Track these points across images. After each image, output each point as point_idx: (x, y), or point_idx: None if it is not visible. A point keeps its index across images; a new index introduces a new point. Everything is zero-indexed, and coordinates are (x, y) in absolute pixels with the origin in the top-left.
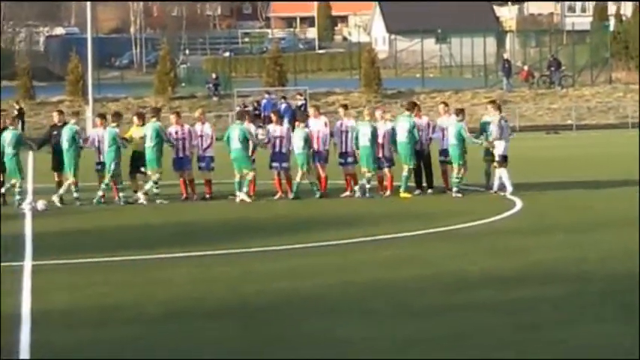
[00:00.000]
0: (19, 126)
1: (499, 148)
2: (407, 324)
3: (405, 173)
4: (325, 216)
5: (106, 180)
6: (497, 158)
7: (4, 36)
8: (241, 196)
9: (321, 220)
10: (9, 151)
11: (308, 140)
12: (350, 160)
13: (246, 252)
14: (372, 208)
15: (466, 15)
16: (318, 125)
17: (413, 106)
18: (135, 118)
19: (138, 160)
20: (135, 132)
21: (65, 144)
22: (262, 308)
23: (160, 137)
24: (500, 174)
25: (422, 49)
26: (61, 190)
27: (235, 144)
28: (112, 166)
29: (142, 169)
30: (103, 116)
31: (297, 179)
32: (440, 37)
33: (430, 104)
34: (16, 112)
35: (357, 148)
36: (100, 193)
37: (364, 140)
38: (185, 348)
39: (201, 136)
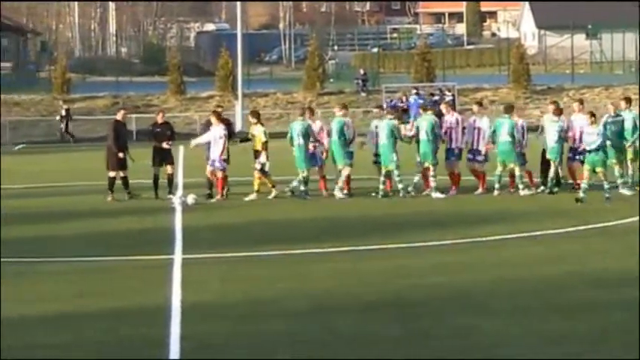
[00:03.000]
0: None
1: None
2: (553, 321)
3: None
4: (473, 212)
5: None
6: None
7: (157, 32)
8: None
9: (470, 216)
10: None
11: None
12: (480, 158)
13: (398, 247)
14: (511, 204)
15: (617, 10)
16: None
17: (511, 109)
18: (249, 117)
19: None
20: (253, 130)
21: (300, 139)
22: (415, 303)
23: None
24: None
25: (572, 45)
26: (294, 183)
27: (383, 139)
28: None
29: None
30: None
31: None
32: (590, 32)
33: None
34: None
35: (494, 143)
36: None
37: (504, 136)
38: (333, 342)
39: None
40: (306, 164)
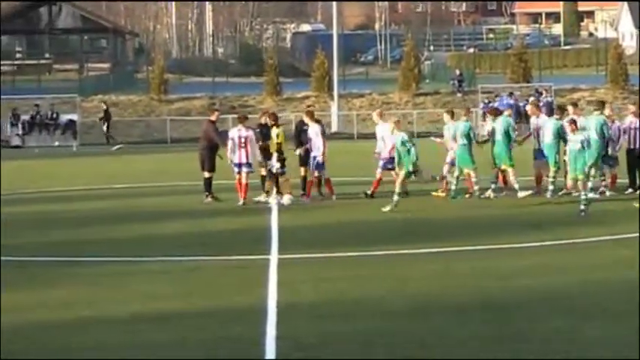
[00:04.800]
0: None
1: None
2: None
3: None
4: (560, 214)
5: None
6: None
7: (253, 33)
8: (521, 193)
9: (561, 217)
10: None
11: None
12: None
13: (489, 249)
14: (595, 206)
15: None
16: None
17: (602, 105)
18: (267, 119)
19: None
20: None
21: (463, 139)
22: (506, 305)
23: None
24: None
25: None
26: (453, 182)
27: (499, 137)
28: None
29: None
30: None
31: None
32: None
33: None
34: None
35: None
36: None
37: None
38: (430, 343)
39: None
40: (472, 163)
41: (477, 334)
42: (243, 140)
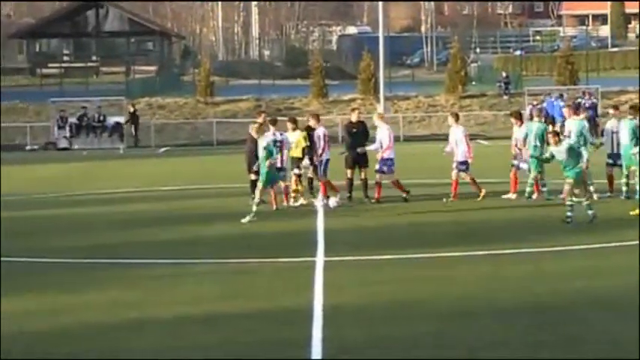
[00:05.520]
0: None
1: None
2: None
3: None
4: (618, 216)
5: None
6: None
7: (299, 35)
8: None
9: (614, 220)
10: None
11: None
12: (620, 162)
13: (537, 251)
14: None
15: None
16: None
17: (636, 110)
18: (288, 124)
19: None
20: (290, 136)
21: (536, 141)
22: (556, 308)
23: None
24: None
25: None
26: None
27: (625, 139)
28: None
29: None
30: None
31: None
32: None
33: None
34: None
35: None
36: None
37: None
38: (477, 346)
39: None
40: (539, 166)
41: (525, 337)
42: (278, 145)
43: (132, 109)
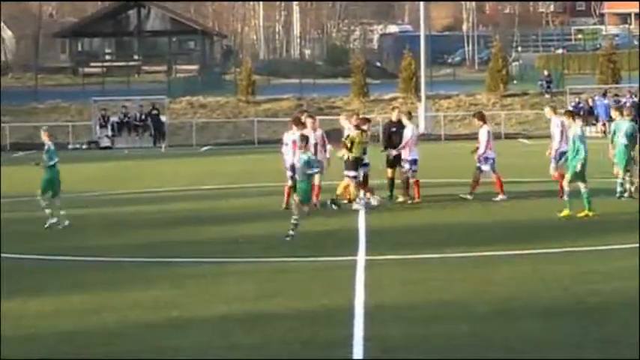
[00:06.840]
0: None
1: None
2: None
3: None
4: None
5: None
6: None
7: (340, 34)
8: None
9: None
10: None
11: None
12: None
13: (577, 251)
14: None
15: None
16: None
17: None
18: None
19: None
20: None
21: (624, 139)
22: (598, 309)
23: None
24: None
25: None
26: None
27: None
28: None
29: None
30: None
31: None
32: None
33: None
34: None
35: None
36: None
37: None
38: (516, 347)
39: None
40: (625, 164)
41: (564, 338)
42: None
43: (155, 112)
